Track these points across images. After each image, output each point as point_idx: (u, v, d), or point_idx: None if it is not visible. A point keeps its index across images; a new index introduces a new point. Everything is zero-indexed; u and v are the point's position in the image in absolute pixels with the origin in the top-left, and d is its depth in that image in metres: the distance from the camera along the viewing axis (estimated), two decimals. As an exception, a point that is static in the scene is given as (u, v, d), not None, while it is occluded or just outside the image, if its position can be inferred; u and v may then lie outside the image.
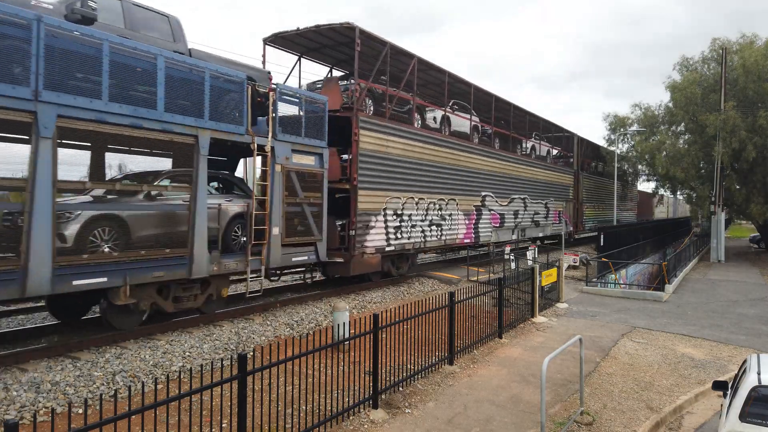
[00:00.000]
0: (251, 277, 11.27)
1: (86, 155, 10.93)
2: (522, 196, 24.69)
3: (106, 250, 8.63)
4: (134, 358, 8.52)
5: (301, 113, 12.33)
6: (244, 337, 10.19)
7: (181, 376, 7.98)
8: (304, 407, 7.00)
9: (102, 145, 10.72)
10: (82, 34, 7.97)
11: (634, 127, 37.88)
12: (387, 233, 15.56)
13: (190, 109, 9.59)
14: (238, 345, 9.81)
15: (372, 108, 15.76)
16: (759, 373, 5.92)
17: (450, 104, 20.38)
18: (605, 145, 41.72)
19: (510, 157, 23.83)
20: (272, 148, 11.43)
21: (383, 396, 7.73)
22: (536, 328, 13.05)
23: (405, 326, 8.78)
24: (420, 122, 18.19)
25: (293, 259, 12.33)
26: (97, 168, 11.01)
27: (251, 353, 9.32)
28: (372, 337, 7.49)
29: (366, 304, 14.02)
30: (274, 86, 11.67)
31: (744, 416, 5.68)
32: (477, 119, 22.11)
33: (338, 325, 8.93)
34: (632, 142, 39.04)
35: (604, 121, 40.78)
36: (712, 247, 31.96)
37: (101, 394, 4.79)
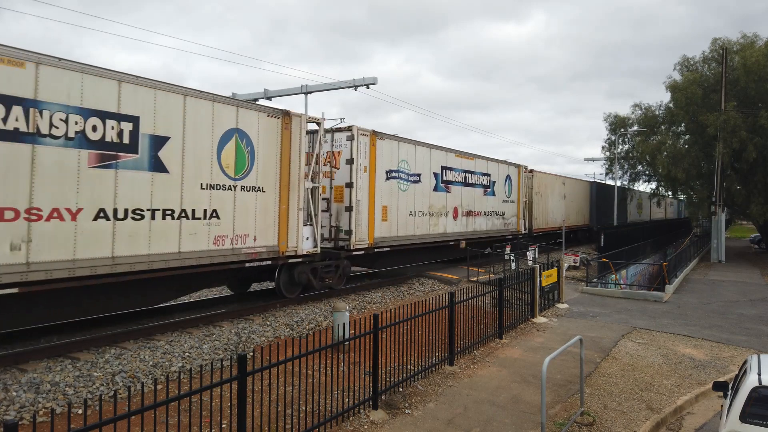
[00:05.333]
0: None
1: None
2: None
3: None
4: (134, 358, 8.52)
5: None
6: (244, 338, 10.19)
7: (181, 377, 7.98)
8: (304, 408, 7.00)
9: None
10: None
11: (635, 128, 37.88)
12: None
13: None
14: (237, 345, 9.81)
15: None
16: (759, 374, 5.91)
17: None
18: (606, 147, 41.72)
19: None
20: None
21: (383, 396, 7.72)
22: (536, 328, 13.04)
23: (405, 327, 8.78)
24: None
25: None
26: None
27: (251, 354, 9.32)
28: (372, 338, 7.48)
29: (366, 304, 14.01)
30: None
31: (744, 417, 5.67)
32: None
33: (338, 325, 8.93)
34: (633, 143, 39.07)
35: (604, 122, 40.81)
36: (712, 247, 31.94)
37: (101, 395, 4.78)
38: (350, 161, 14.88)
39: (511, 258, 19.33)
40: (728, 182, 31.40)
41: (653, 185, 42.01)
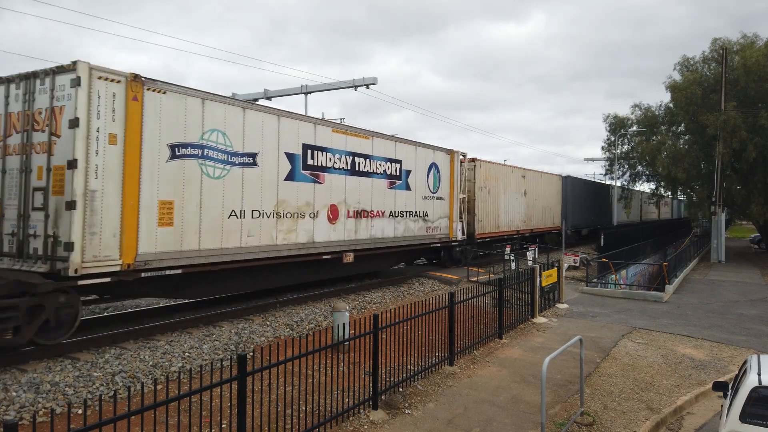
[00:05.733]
0: None
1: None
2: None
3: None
4: (134, 358, 8.51)
5: None
6: (244, 338, 10.19)
7: (181, 377, 7.98)
8: (303, 408, 7.00)
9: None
10: None
11: (634, 128, 37.88)
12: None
13: None
14: (237, 345, 9.81)
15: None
16: (759, 374, 5.91)
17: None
18: (605, 147, 41.50)
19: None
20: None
21: (383, 397, 7.72)
22: (536, 328, 13.04)
23: (405, 327, 8.78)
24: None
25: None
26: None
27: (251, 354, 9.32)
28: (372, 338, 7.49)
29: (366, 304, 14.01)
30: None
31: (744, 417, 5.67)
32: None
33: (338, 325, 8.92)
34: (632, 143, 39.06)
35: (604, 122, 40.84)
36: (712, 247, 31.96)
37: (101, 395, 4.78)
38: (75, 123, 8.60)
39: (511, 258, 19.34)
40: (728, 182, 31.41)
41: (653, 185, 42.03)
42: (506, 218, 24.96)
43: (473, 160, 22.15)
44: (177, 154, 10.22)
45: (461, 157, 20.80)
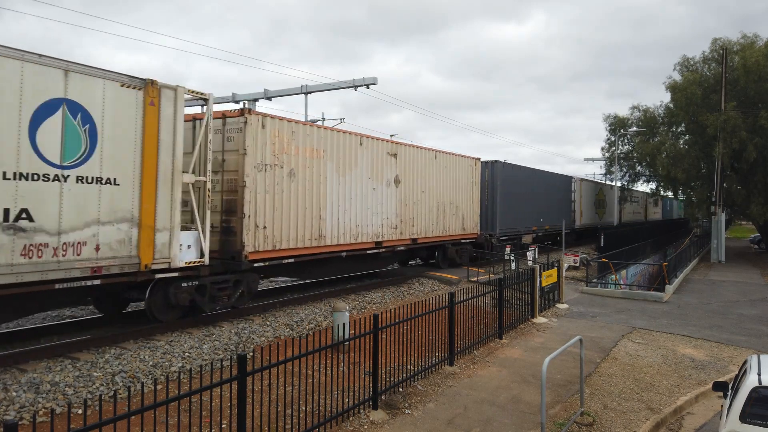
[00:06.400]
0: None
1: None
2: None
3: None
4: (134, 358, 8.52)
5: None
6: (244, 338, 10.19)
7: (181, 377, 7.98)
8: (303, 408, 7.00)
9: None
10: None
11: (634, 128, 37.89)
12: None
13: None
14: (237, 345, 9.81)
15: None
16: (759, 374, 5.91)
17: None
18: (605, 147, 41.38)
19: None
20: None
21: (383, 397, 7.72)
22: (536, 328, 13.04)
23: (405, 327, 8.78)
24: None
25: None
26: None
27: (251, 354, 9.32)
28: (372, 338, 7.48)
29: (366, 304, 14.01)
30: None
31: (744, 417, 5.67)
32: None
33: (338, 325, 8.93)
34: (632, 143, 39.04)
35: (604, 122, 40.84)
36: (712, 247, 31.96)
37: (101, 395, 4.78)
38: None
39: (511, 258, 19.34)
40: (728, 182, 31.40)
41: (653, 185, 42.05)
42: (345, 222, 14.54)
43: (244, 111, 11.58)
44: None
45: (202, 105, 10.61)
